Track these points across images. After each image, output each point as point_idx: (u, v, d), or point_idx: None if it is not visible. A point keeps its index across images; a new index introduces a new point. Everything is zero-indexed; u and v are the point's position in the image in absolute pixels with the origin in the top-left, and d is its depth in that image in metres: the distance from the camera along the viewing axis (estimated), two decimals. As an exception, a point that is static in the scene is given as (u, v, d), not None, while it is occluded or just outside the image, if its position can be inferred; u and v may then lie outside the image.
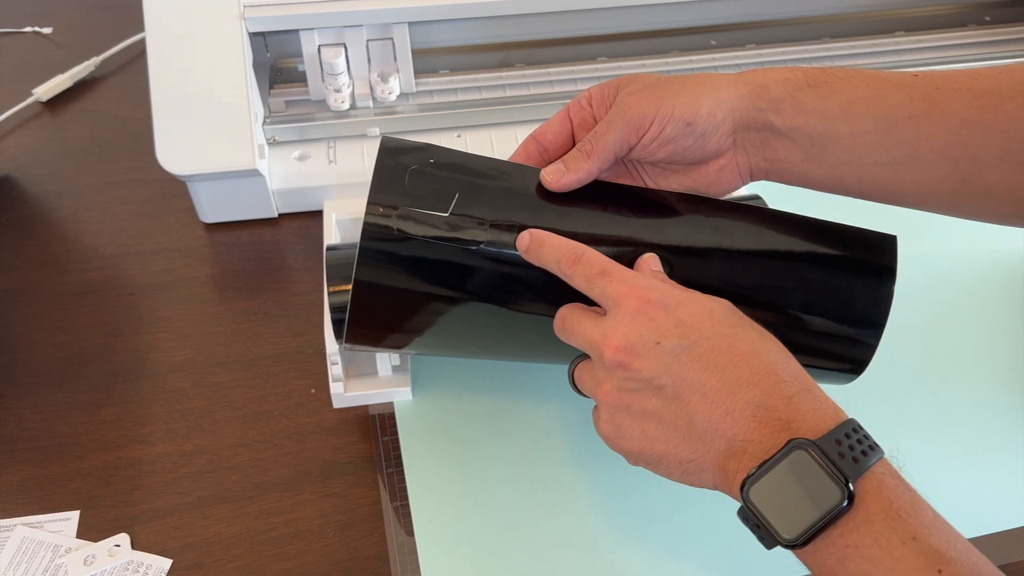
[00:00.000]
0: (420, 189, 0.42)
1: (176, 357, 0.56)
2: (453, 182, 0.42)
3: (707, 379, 0.36)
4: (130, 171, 0.69)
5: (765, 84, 0.43)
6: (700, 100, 0.43)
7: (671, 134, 0.43)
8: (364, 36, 0.63)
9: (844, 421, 0.35)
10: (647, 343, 0.37)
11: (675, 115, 0.42)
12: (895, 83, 0.42)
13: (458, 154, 0.44)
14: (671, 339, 0.37)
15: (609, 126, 0.43)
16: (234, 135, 0.59)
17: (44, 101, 0.75)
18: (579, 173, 0.43)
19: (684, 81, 0.44)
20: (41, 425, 0.52)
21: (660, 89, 0.43)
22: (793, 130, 0.42)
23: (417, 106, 0.65)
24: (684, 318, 0.37)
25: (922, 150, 0.41)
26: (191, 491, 0.49)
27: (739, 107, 0.43)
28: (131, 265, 0.62)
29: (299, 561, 0.46)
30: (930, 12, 0.74)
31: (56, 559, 0.46)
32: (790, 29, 0.71)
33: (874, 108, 0.41)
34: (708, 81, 0.44)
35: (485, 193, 0.43)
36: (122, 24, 0.82)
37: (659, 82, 0.44)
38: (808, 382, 0.37)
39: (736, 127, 0.43)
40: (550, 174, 0.43)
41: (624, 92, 0.44)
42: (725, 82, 0.43)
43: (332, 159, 0.64)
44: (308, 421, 0.53)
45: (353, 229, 0.61)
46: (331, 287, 0.48)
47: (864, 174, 0.42)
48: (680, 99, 0.43)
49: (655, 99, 0.43)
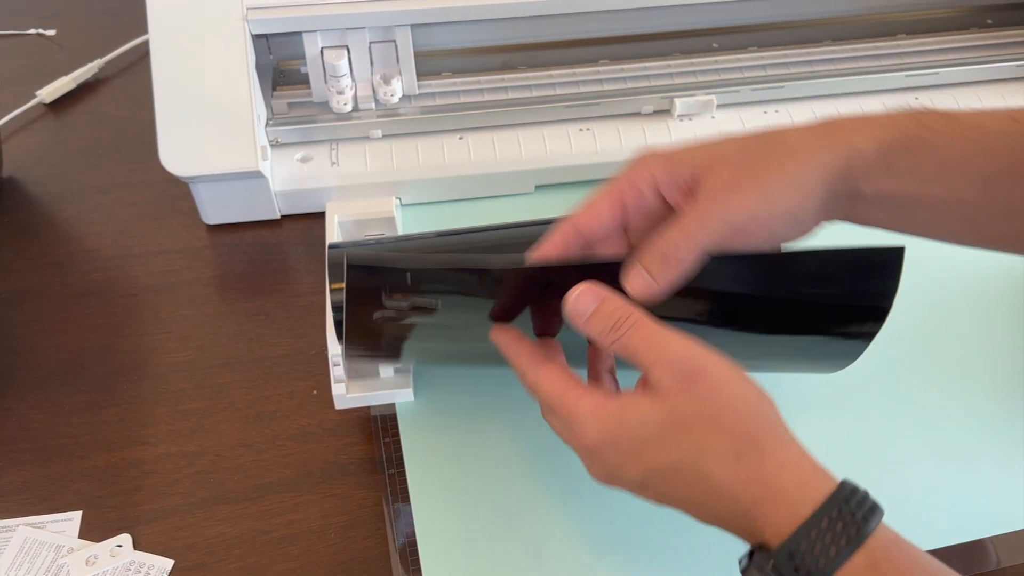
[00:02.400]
0: None
1: (178, 358, 0.56)
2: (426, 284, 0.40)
3: (676, 501, 0.36)
4: (133, 173, 0.69)
5: (860, 149, 0.37)
6: (803, 183, 0.37)
7: (780, 233, 0.37)
8: (367, 38, 0.63)
9: (804, 522, 0.32)
10: (612, 477, 0.37)
11: (785, 210, 0.36)
12: (997, 132, 0.37)
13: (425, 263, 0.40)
14: (626, 479, 0.37)
15: (705, 229, 0.36)
16: (237, 137, 0.60)
17: (47, 103, 0.76)
18: (667, 285, 0.37)
19: (778, 158, 0.37)
20: (43, 426, 0.52)
21: (758, 177, 0.37)
22: (882, 195, 0.38)
23: (419, 108, 0.66)
24: (620, 462, 0.36)
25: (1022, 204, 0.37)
26: (193, 492, 0.49)
27: (833, 178, 0.37)
28: (133, 266, 0.62)
29: (301, 562, 0.46)
30: (932, 15, 0.74)
31: (58, 559, 0.46)
32: (792, 32, 0.72)
33: (974, 166, 0.37)
34: (802, 151, 0.37)
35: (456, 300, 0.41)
36: (126, 26, 0.82)
37: (751, 164, 0.37)
38: (762, 480, 0.33)
39: (827, 199, 0.38)
40: (637, 288, 0.37)
41: (716, 182, 0.37)
42: (819, 149, 0.37)
43: (334, 161, 0.64)
44: (310, 422, 0.53)
45: (355, 230, 0.61)
46: (333, 285, 0.48)
47: (951, 230, 0.39)
48: (785, 188, 0.36)
49: (759, 193, 0.36)
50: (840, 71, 0.68)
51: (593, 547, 0.47)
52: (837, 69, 0.68)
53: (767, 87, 0.67)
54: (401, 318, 0.41)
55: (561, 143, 0.65)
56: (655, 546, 0.47)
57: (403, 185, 0.64)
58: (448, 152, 0.64)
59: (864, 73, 0.68)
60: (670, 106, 0.66)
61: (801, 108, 0.67)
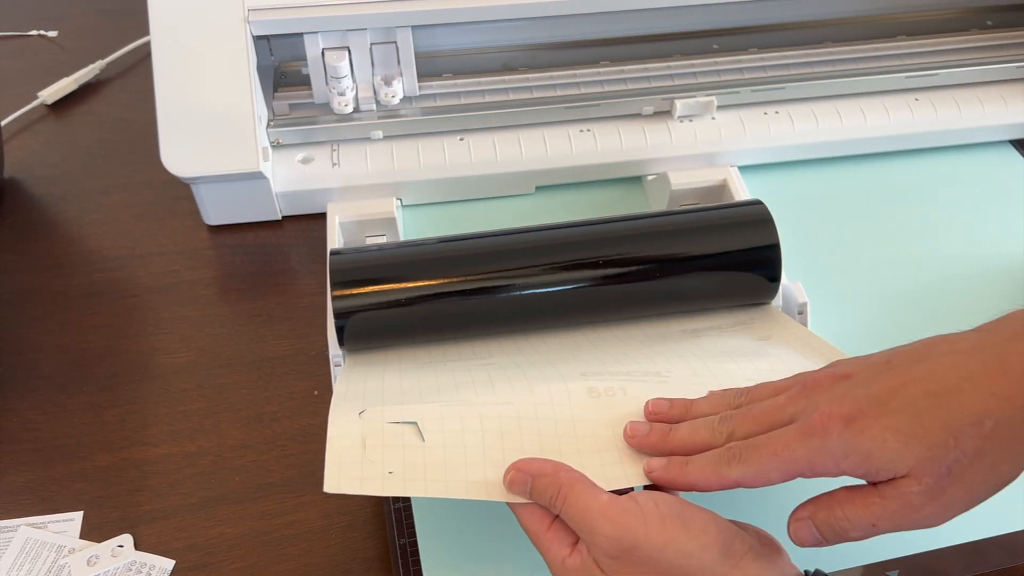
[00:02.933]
0: None
1: (180, 359, 0.56)
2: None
3: None
4: (134, 174, 0.69)
5: None
6: (1019, 470, 0.35)
7: None
8: (368, 40, 0.63)
9: None
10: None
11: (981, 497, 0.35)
12: None
13: None
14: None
15: (894, 527, 0.35)
16: (238, 138, 0.60)
17: (49, 104, 0.76)
18: (829, 543, 0.37)
19: (988, 461, 0.33)
20: (45, 426, 0.53)
21: (968, 490, 0.34)
22: None
23: (420, 109, 0.66)
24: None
25: None
26: (194, 492, 0.49)
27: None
28: (135, 267, 0.62)
29: (302, 562, 0.47)
30: (932, 16, 0.74)
31: (59, 560, 0.46)
32: (792, 33, 0.72)
33: None
34: (1011, 445, 0.33)
35: None
36: (127, 28, 0.83)
37: (958, 476, 0.33)
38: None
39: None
40: (804, 539, 0.37)
41: (923, 495, 0.34)
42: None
43: (335, 162, 0.64)
44: (311, 423, 0.53)
45: (356, 231, 0.61)
46: (334, 292, 0.48)
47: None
48: (999, 487, 0.35)
49: (965, 502, 0.35)
50: (840, 72, 0.68)
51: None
52: (837, 70, 0.69)
53: (767, 88, 0.67)
54: None
55: (562, 144, 0.65)
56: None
57: (404, 186, 0.64)
58: (449, 153, 0.64)
59: (864, 74, 0.68)
60: (670, 107, 0.66)
61: (802, 109, 0.67)
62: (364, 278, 0.48)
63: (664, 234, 0.51)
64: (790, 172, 0.68)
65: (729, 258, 0.50)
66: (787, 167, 0.69)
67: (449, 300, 0.48)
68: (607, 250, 0.50)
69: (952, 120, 0.68)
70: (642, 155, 0.65)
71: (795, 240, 0.60)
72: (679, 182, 0.63)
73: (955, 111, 0.68)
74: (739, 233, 0.51)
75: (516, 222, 0.54)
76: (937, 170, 0.69)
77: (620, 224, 0.52)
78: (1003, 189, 0.67)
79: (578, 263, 0.50)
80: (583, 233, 0.51)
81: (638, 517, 0.35)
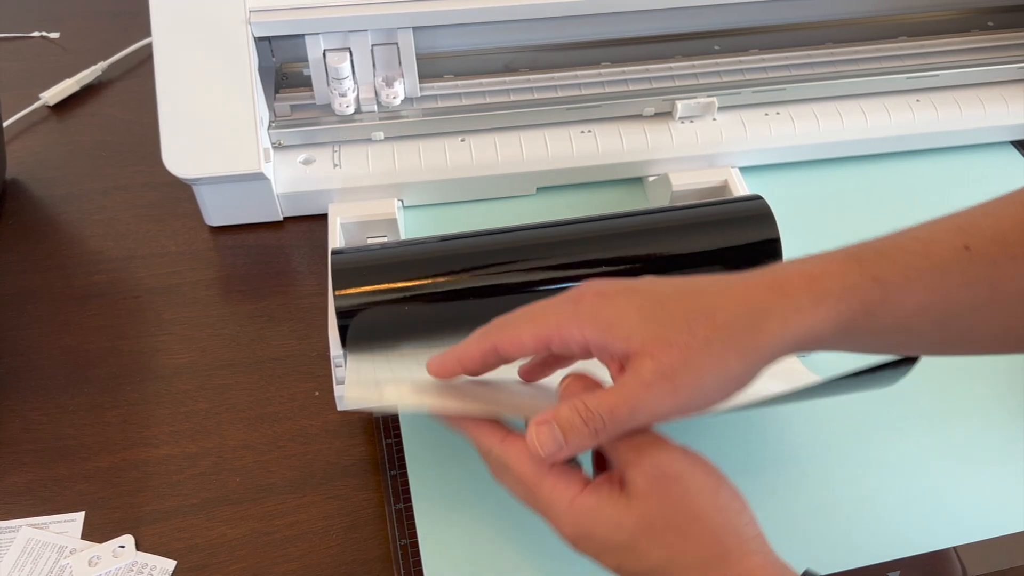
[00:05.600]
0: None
1: (181, 360, 0.56)
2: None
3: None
4: (136, 175, 0.69)
5: (817, 332, 0.35)
6: (744, 374, 0.35)
7: (714, 408, 0.37)
8: (369, 41, 0.63)
9: None
10: (587, 554, 0.38)
11: (722, 397, 0.36)
12: (954, 271, 0.36)
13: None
14: (603, 563, 0.37)
15: (632, 416, 0.35)
16: (239, 139, 0.60)
17: (51, 105, 0.76)
18: (577, 449, 0.36)
19: (720, 346, 0.35)
20: (47, 427, 0.53)
21: (696, 373, 0.35)
22: (840, 347, 0.37)
23: (421, 110, 0.66)
24: (595, 551, 0.37)
25: (978, 330, 0.37)
26: (195, 493, 0.49)
27: (782, 355, 0.36)
28: (137, 268, 0.62)
29: (303, 563, 0.47)
30: (933, 17, 0.74)
31: (61, 560, 0.46)
32: (793, 34, 0.72)
33: (934, 312, 0.36)
34: (747, 339, 0.35)
35: None
36: (129, 29, 0.83)
37: (689, 357, 0.34)
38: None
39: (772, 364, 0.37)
40: (544, 444, 0.36)
41: (651, 368, 0.35)
42: (767, 335, 0.35)
43: (337, 163, 0.64)
44: (312, 424, 0.53)
45: (357, 233, 0.61)
46: (336, 291, 0.48)
47: (910, 350, 0.38)
48: (724, 383, 0.35)
49: (697, 388, 0.35)
50: (842, 73, 0.68)
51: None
52: (838, 71, 0.69)
53: (769, 89, 0.67)
54: None
55: (563, 145, 0.65)
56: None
57: (405, 187, 0.64)
58: (450, 154, 0.64)
59: (866, 75, 0.68)
60: (672, 108, 0.66)
61: (803, 110, 0.67)
62: (366, 277, 0.48)
63: (666, 230, 0.52)
64: (791, 173, 0.68)
65: (730, 253, 0.51)
66: (788, 168, 0.69)
67: (452, 298, 0.48)
68: (609, 246, 0.50)
69: (953, 121, 0.68)
70: (643, 156, 0.65)
71: (796, 241, 0.60)
72: (680, 183, 0.63)
73: (956, 112, 0.68)
74: (740, 228, 0.51)
75: (517, 223, 0.54)
76: (938, 171, 0.69)
77: (622, 220, 0.52)
78: (1004, 190, 0.67)
79: (580, 261, 0.50)
80: (585, 230, 0.51)
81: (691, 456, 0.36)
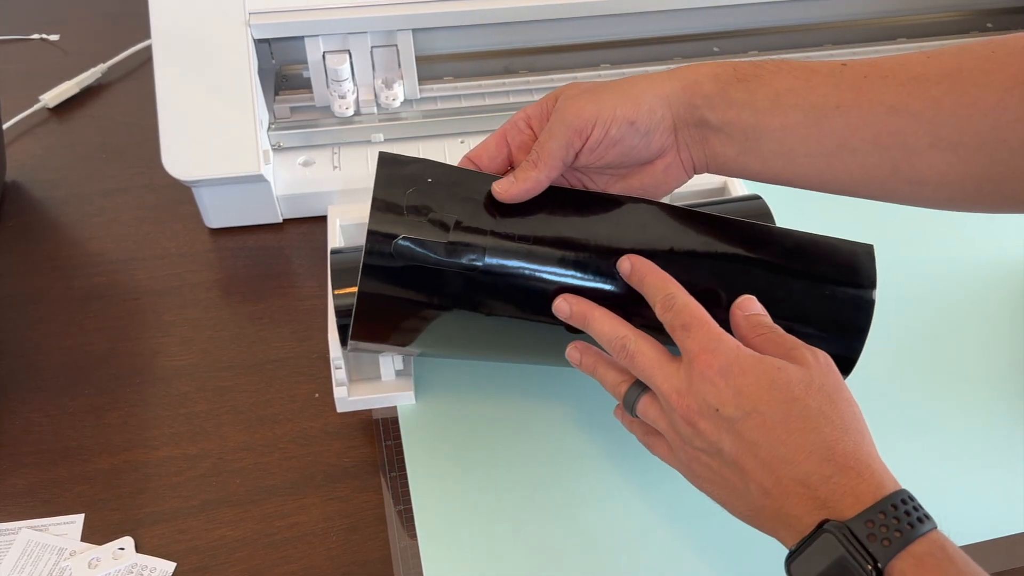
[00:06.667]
0: (419, 208, 0.43)
1: (181, 361, 0.56)
2: (452, 199, 0.44)
3: (757, 451, 0.37)
4: (136, 177, 0.69)
5: (697, 80, 0.43)
6: (640, 98, 0.43)
7: (616, 135, 0.43)
8: (368, 43, 0.64)
9: (883, 498, 0.34)
10: (708, 408, 0.38)
11: (617, 115, 0.43)
12: (823, 73, 0.42)
13: (452, 171, 0.45)
14: (728, 408, 0.37)
15: (551, 134, 0.44)
16: (239, 141, 0.60)
17: (51, 107, 0.76)
18: (528, 183, 0.43)
19: (620, 83, 0.44)
20: (47, 429, 0.53)
21: (598, 92, 0.44)
22: (726, 124, 0.43)
23: (421, 112, 0.66)
24: (742, 387, 0.37)
25: (852, 140, 0.41)
26: (195, 494, 0.49)
27: (676, 103, 0.43)
28: (137, 270, 0.62)
29: (303, 564, 0.47)
30: (932, 19, 0.74)
31: (61, 562, 0.46)
32: (793, 36, 0.72)
33: (802, 99, 0.41)
34: (643, 80, 0.44)
35: (483, 209, 0.44)
36: (129, 31, 0.83)
37: (596, 87, 0.44)
38: (856, 458, 0.36)
39: (676, 123, 0.44)
40: (500, 185, 0.44)
41: (563, 99, 0.44)
42: (660, 80, 0.44)
43: (336, 165, 0.64)
44: (312, 425, 0.53)
45: (357, 234, 0.61)
46: (336, 290, 0.48)
47: (798, 166, 0.43)
48: (620, 99, 0.43)
49: (595, 102, 0.43)
50: (841, 75, 0.68)
51: (596, 550, 0.47)
52: (838, 73, 0.69)
53: (768, 91, 0.67)
54: None
55: (562, 147, 0.65)
56: (658, 550, 0.47)
57: (405, 189, 0.64)
58: (450, 155, 0.64)
59: (864, 77, 0.68)
60: (671, 110, 0.66)
61: (802, 112, 0.67)
62: None
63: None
64: (790, 174, 0.68)
65: None
66: (787, 169, 0.68)
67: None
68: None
69: (952, 122, 0.68)
70: (642, 158, 0.65)
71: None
72: (679, 184, 0.63)
73: (955, 113, 0.68)
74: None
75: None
76: (937, 172, 0.69)
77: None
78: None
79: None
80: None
81: None
